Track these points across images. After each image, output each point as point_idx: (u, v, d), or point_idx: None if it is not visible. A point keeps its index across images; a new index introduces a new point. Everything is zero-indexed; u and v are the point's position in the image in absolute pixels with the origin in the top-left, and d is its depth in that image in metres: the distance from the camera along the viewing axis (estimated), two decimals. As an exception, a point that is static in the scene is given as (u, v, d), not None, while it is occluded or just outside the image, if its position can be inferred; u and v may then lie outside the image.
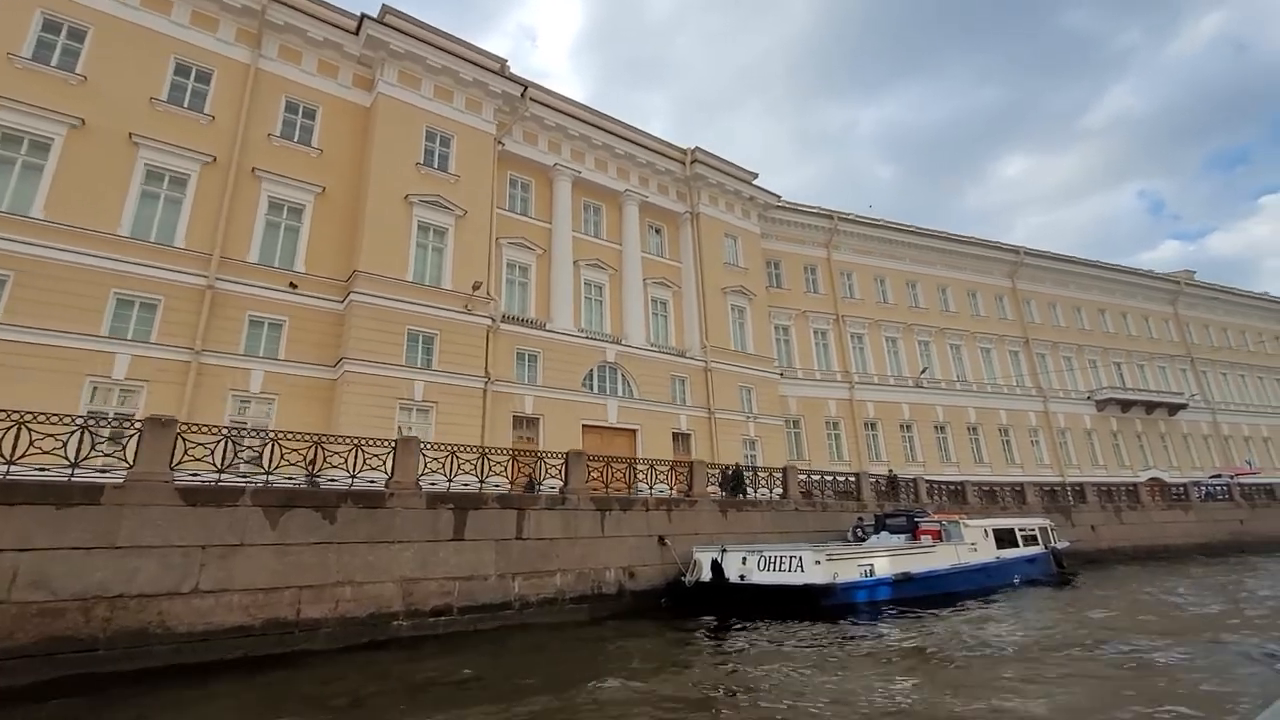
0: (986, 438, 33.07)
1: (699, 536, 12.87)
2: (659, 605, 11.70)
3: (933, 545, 13.87)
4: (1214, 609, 11.96)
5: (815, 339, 30.95)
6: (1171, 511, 24.20)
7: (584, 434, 21.27)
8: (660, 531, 12.34)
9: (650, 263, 26.47)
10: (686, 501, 13.31)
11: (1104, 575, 18.03)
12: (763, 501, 14.92)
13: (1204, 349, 43.66)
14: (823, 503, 16.33)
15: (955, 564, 13.91)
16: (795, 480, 15.93)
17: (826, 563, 11.19)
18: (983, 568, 14.59)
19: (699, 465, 14.01)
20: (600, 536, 11.43)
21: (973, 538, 14.78)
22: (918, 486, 19.22)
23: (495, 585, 9.82)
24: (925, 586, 12.75)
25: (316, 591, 8.17)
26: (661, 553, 12.21)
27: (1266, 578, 17.08)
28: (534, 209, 23.80)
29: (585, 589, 10.89)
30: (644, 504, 12.35)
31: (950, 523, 14.62)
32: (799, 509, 15.32)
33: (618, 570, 11.38)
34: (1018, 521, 16.97)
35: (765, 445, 25.97)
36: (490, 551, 9.96)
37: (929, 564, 13.30)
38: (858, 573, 11.77)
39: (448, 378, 18.46)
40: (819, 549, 11.59)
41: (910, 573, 12.58)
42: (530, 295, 22.68)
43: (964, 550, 14.33)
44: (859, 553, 12.36)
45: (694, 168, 27.39)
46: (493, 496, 10.39)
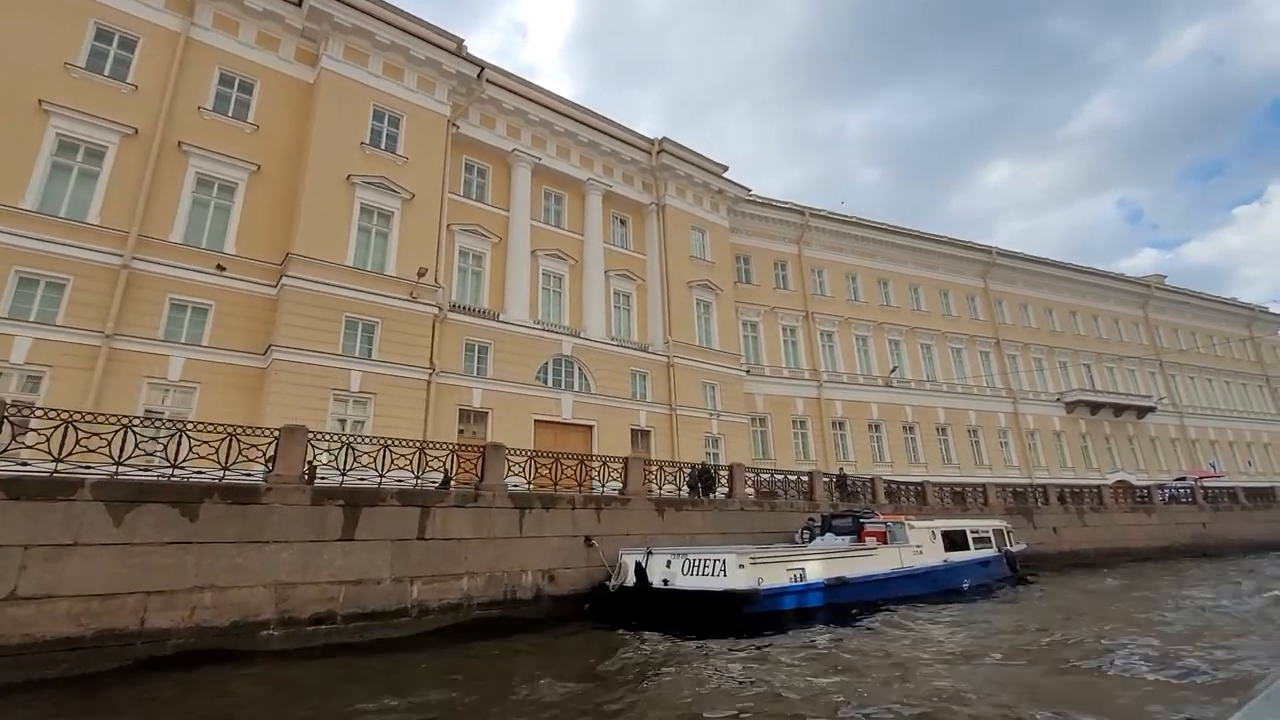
0: (955, 439, 32.78)
1: (632, 537, 12.11)
2: (582, 611, 10.92)
3: (874, 548, 13.21)
4: (1167, 621, 11.24)
5: (784, 336, 30.40)
6: (1134, 514, 23.97)
7: (536, 429, 20.46)
8: (588, 532, 11.56)
9: (614, 254, 25.72)
10: (619, 500, 12.53)
11: (1062, 579, 17.57)
12: (704, 501, 14.21)
13: (1173, 352, 43.90)
14: (772, 503, 15.68)
15: (897, 568, 13.21)
16: (742, 479, 15.28)
17: (750, 567, 10.43)
18: (929, 572, 13.89)
19: (634, 461, 13.23)
20: (518, 537, 10.62)
21: (919, 540, 14.11)
22: (875, 487, 18.67)
23: (389, 590, 8.98)
24: (862, 592, 12.06)
25: (168, 598, 7.27)
26: (588, 554, 11.43)
27: (1216, 585, 16.48)
28: (491, 196, 22.93)
29: (497, 594, 10.08)
30: (570, 502, 11.55)
31: (895, 524, 13.97)
32: (745, 509, 14.64)
33: (536, 573, 10.57)
34: (970, 523, 16.34)
35: (729, 443, 25.33)
36: (386, 553, 9.11)
37: (868, 568, 12.56)
38: (786, 577, 10.94)
39: (388, 368, 17.55)
40: (744, 552, 10.82)
41: (845, 577, 11.78)
42: (484, 285, 21.81)
43: (908, 553, 13.66)
44: (789, 556, 11.54)
45: (660, 158, 26.66)
46: (392, 492, 9.54)
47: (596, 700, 6.49)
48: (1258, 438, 45.19)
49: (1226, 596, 13.72)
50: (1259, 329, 49.94)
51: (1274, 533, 27.97)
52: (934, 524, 15.02)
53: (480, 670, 7.71)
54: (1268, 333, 50.87)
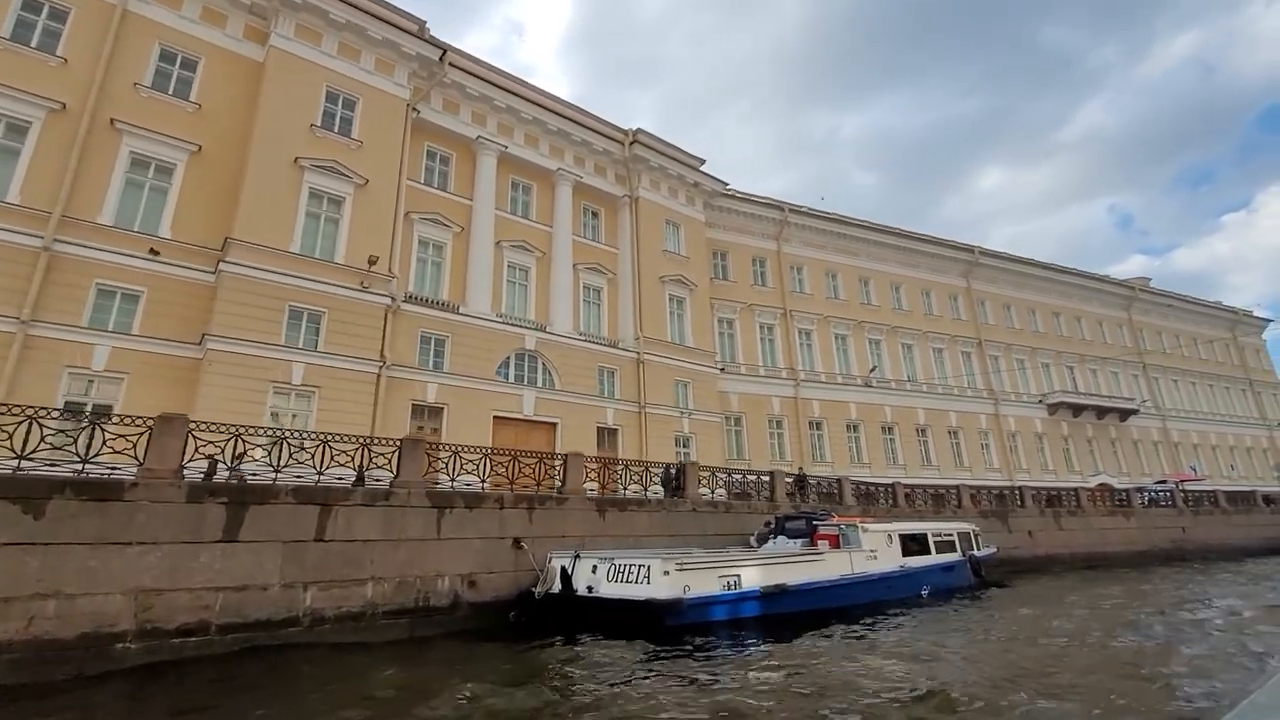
0: (935, 440, 32.22)
1: (567, 540, 11.34)
2: (506, 620, 10.12)
3: (822, 553, 12.42)
4: (1113, 644, 9.85)
5: (761, 333, 29.73)
6: (1113, 518, 23.44)
7: (495, 426, 19.68)
8: (518, 533, 10.77)
9: (584, 247, 24.97)
10: (555, 499, 11.75)
11: (1033, 586, 16.80)
12: (651, 501, 13.45)
13: (1157, 355, 43.62)
14: (728, 504, 14.96)
15: (847, 574, 12.33)
16: (695, 478, 14.55)
17: (676, 573, 9.61)
18: (883, 578, 13.03)
19: (574, 458, 12.46)
20: (435, 539, 9.83)
21: (873, 544, 13.29)
22: (842, 487, 17.98)
23: (278, 597, 8.17)
24: (806, 600, 11.20)
25: (1, 607, 6.46)
26: (516, 558, 10.64)
27: (1184, 597, 15.12)
28: (454, 184, 22.12)
29: (407, 601, 9.28)
30: (498, 501, 10.75)
31: (849, 527, 13.25)
32: (698, 510, 13.89)
33: (455, 579, 9.77)
34: (931, 526, 15.62)
35: (701, 443, 24.63)
36: (275, 556, 8.30)
37: (813, 574, 11.69)
38: (718, 585, 10.12)
39: (334, 360, 16.72)
40: (670, 558, 10.03)
41: (786, 585, 10.90)
42: (444, 276, 20.99)
43: (861, 558, 12.79)
44: (722, 562, 10.76)
45: (634, 149, 25.93)
46: (287, 489, 8.72)
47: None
48: (1240, 441, 44.99)
49: (1191, 612, 12.80)
50: (1242, 332, 49.82)
51: (1254, 537, 27.55)
52: (890, 527, 14.22)
53: (362, 687, 6.91)
54: (1251, 336, 50.78)
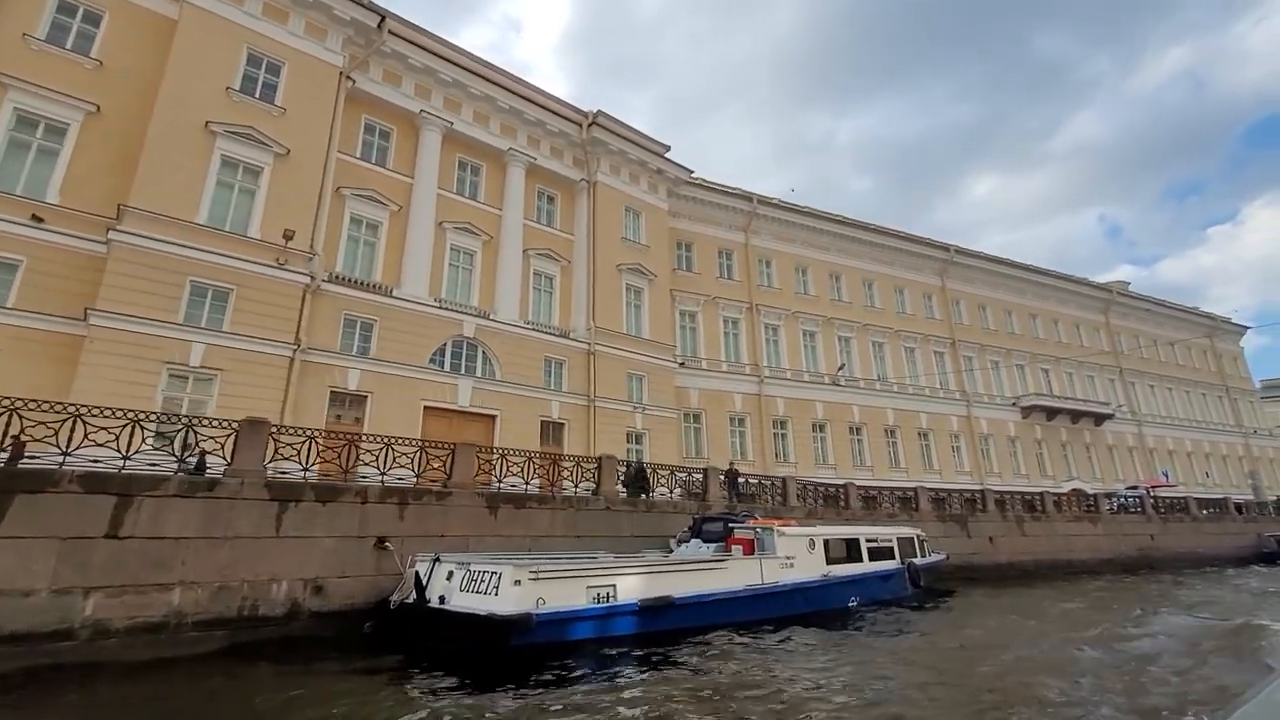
0: (904, 441, 31.28)
1: (448, 540, 10.14)
2: (360, 632, 8.81)
3: (723, 560, 11.19)
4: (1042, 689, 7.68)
5: (725, 328, 28.66)
6: (1079, 523, 22.54)
7: (426, 417, 18.45)
8: (384, 531, 9.55)
9: (537, 233, 23.77)
10: (434, 493, 10.55)
11: (980, 597, 15.54)
12: (557, 498, 12.21)
13: (1133, 360, 43.04)
14: (648, 502, 13.80)
15: (754, 584, 10.98)
16: (612, 473, 13.40)
17: (529, 583, 8.13)
18: (800, 589, 11.63)
19: (463, 449, 11.24)
20: (272, 537, 8.57)
21: (790, 549, 11.80)
22: (786, 487, 16.89)
23: (45, 605, 6.87)
24: (697, 615, 9.84)
25: None
26: (379, 560, 9.41)
27: (1139, 612, 13.67)
28: (393, 160, 20.85)
29: (228, 609, 7.97)
30: (359, 494, 9.52)
31: (764, 530, 11.98)
32: (612, 508, 12.71)
33: (295, 583, 8.52)
34: (865, 530, 14.41)
35: (654, 439, 23.50)
36: (48, 555, 7.01)
37: (710, 584, 10.31)
38: (585, 597, 8.70)
39: (241, 341, 15.42)
40: (524, 563, 8.64)
41: (672, 597, 9.47)
42: (378, 256, 19.72)
43: (773, 566, 11.41)
44: (592, 569, 9.32)
45: (592, 131, 24.76)
46: (72, 475, 7.46)
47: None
48: (1215, 449, 44.52)
49: (1143, 629, 11.36)
50: (1220, 339, 49.44)
51: (1224, 546, 26.83)
52: (814, 531, 12.86)
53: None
54: (1228, 343, 50.43)
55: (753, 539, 11.77)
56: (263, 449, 9.12)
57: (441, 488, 10.69)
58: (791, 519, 13.56)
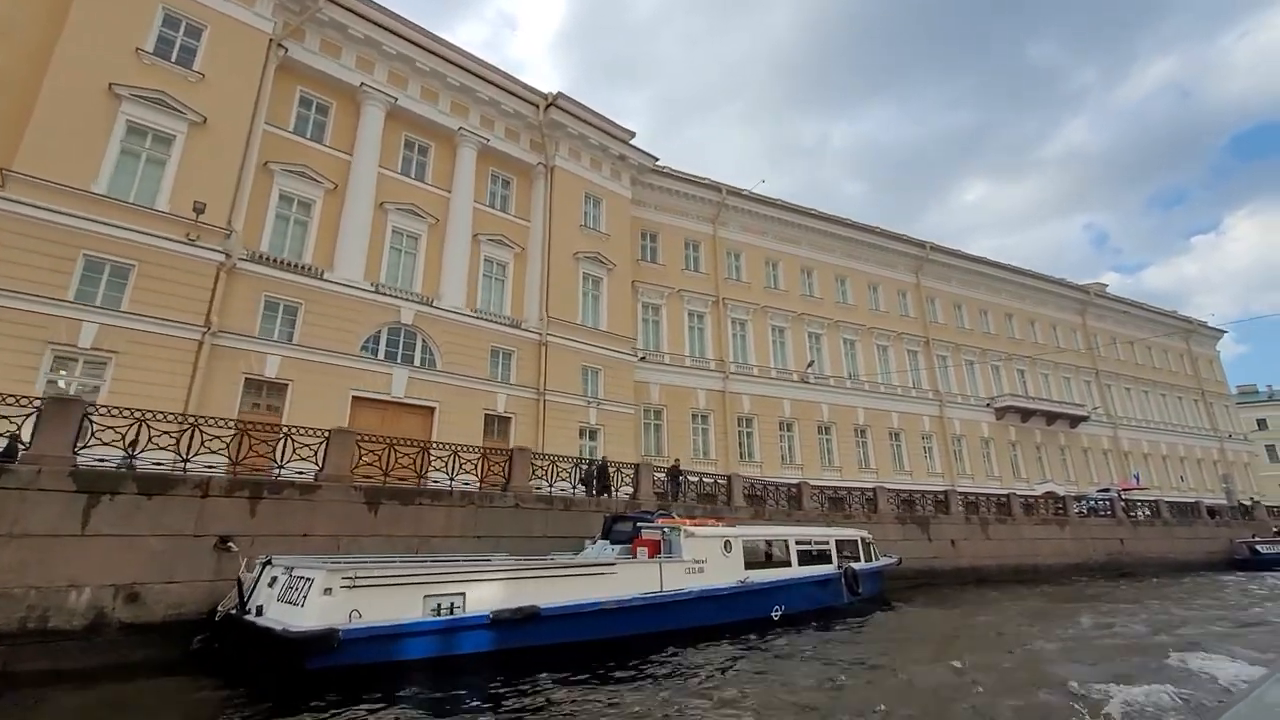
0: (875, 441, 30.44)
1: (314, 541, 8.95)
2: (188, 648, 7.57)
3: (611, 564, 9.92)
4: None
5: (690, 321, 27.65)
6: (1046, 527, 21.77)
7: (355, 408, 17.26)
8: (229, 530, 8.39)
9: (489, 217, 22.63)
10: (297, 486, 9.32)
11: (928, 605, 14.46)
12: (457, 493, 11.05)
13: (1110, 362, 42.60)
14: (567, 500, 12.69)
15: (652, 592, 9.66)
16: (525, 467, 12.32)
17: (343, 590, 6.82)
18: (709, 596, 10.37)
19: (338, 435, 10.04)
20: (76, 535, 7.36)
21: (700, 552, 10.53)
22: (731, 485, 15.88)
23: None
24: (572, 630, 8.52)
25: None
26: (220, 563, 8.24)
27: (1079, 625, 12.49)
28: (331, 136, 19.62)
29: (6, 623, 6.71)
30: (198, 486, 8.32)
31: (671, 530, 10.81)
32: (523, 505, 11.61)
33: (103, 590, 7.30)
34: (797, 532, 13.23)
35: (609, 435, 22.43)
36: None
37: (592, 593, 8.93)
38: (421, 608, 7.27)
39: (141, 322, 14.15)
40: (339, 567, 7.14)
41: (538, 608, 8.08)
42: (310, 236, 18.49)
43: (676, 571, 10.10)
44: (436, 574, 7.84)
45: (550, 114, 23.65)
46: None
47: None
48: (1190, 453, 44.22)
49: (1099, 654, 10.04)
50: (1196, 343, 49.25)
51: (1196, 550, 26.24)
52: (731, 531, 11.46)
53: None
54: (1205, 347, 50.27)
55: (660, 540, 10.66)
56: (72, 432, 7.93)
57: (313, 480, 9.54)
58: (722, 519, 12.49)
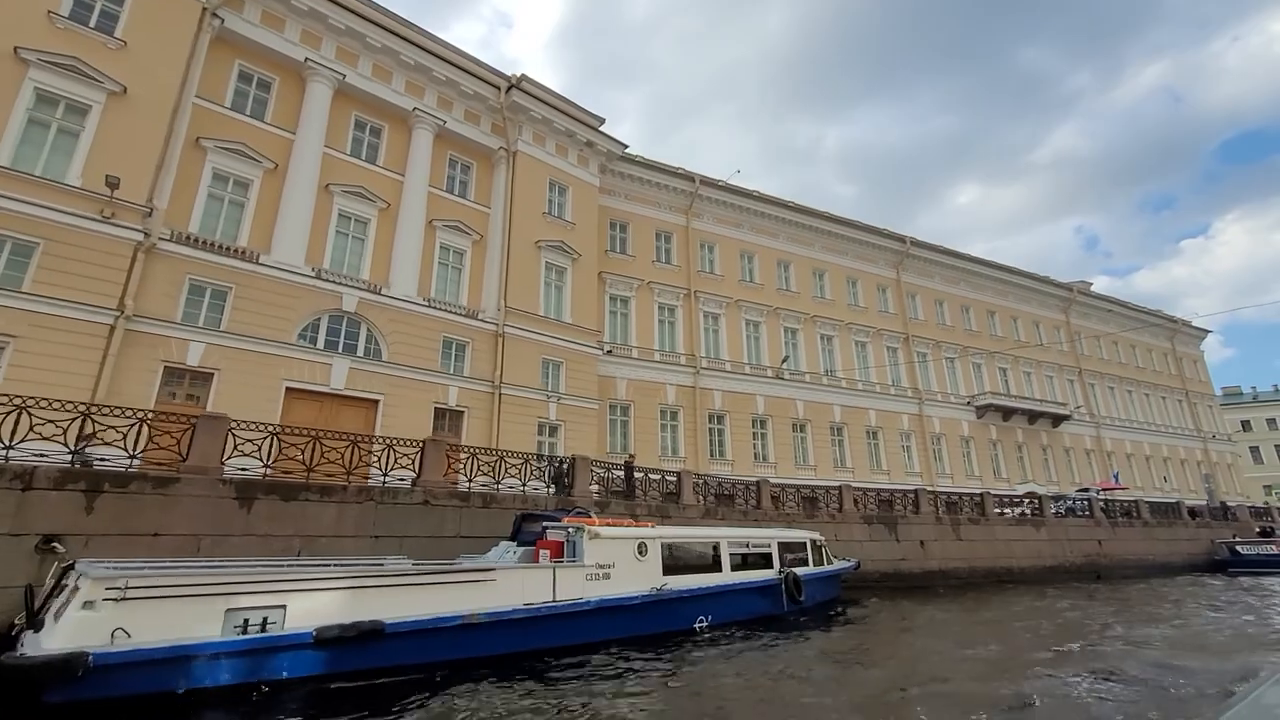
0: (851, 440, 29.67)
1: (167, 541, 7.87)
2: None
3: (489, 569, 8.71)
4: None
5: (660, 314, 26.76)
6: (1021, 528, 21.03)
7: (288, 400, 16.26)
8: (57, 528, 7.31)
9: (446, 203, 21.66)
10: (148, 478, 8.23)
11: (879, 614, 13.25)
12: (351, 488, 10.01)
13: (1093, 361, 42.08)
14: (488, 496, 11.70)
15: (540, 602, 8.44)
16: (438, 460, 11.37)
17: (109, 604, 5.70)
18: (615, 606, 9.22)
19: (205, 422, 8.86)
20: None
21: (607, 556, 9.38)
22: (681, 483, 14.96)
23: None
24: (428, 649, 7.31)
25: None
26: (41, 568, 7.22)
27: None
28: (274, 113, 18.59)
29: None
30: (18, 476, 7.13)
31: (575, 530, 9.66)
32: (433, 502, 10.65)
33: None
34: (731, 533, 12.08)
35: (571, 431, 21.50)
36: None
37: (463, 604, 7.68)
38: (221, 626, 6.13)
39: (43, 304, 13.11)
40: (110, 574, 6.00)
41: (383, 624, 6.87)
42: (247, 218, 17.46)
43: (574, 577, 8.95)
44: (243, 582, 6.61)
45: (512, 96, 22.70)
46: None
47: None
48: (1174, 453, 43.78)
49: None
50: (1181, 343, 48.89)
51: (1176, 552, 25.61)
52: (647, 532, 10.21)
53: None
54: (1189, 347, 49.91)
55: (564, 542, 9.59)
56: None
57: (173, 472, 8.54)
58: (669, 520, 11.59)
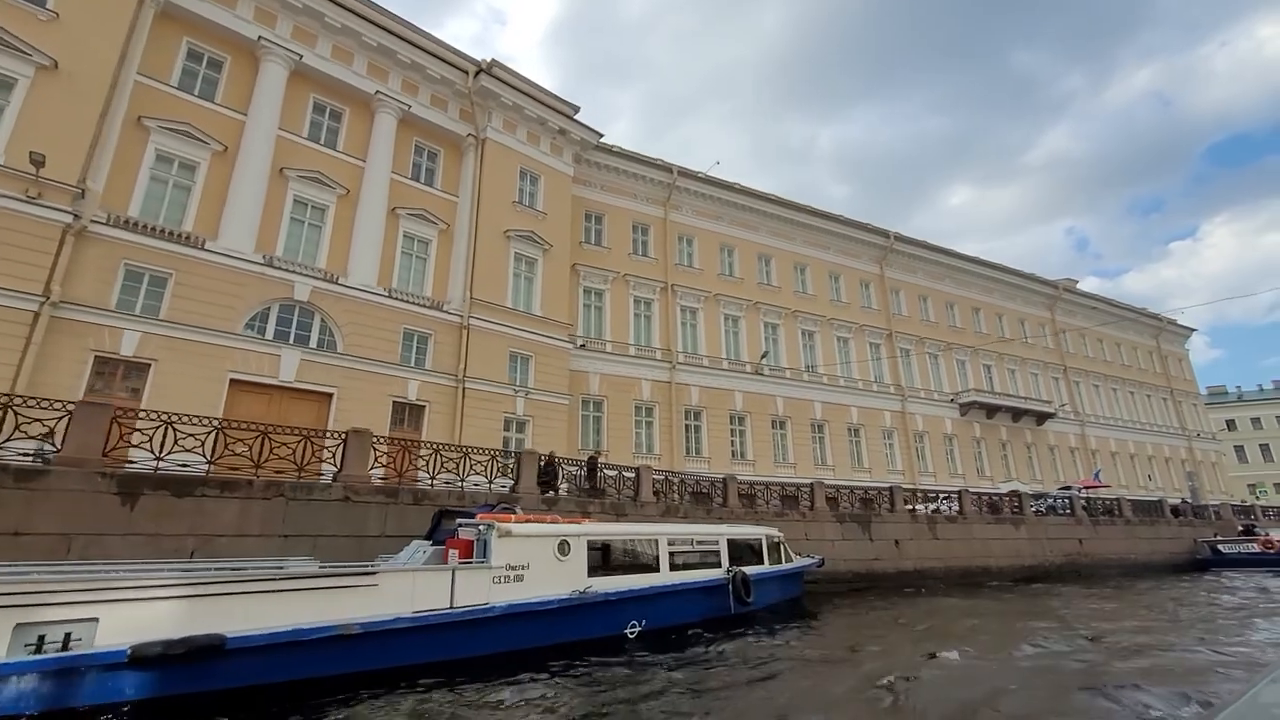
0: (832, 437, 29.12)
1: (33, 541, 7.09)
2: None
3: (371, 572, 7.37)
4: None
5: (636, 308, 26.09)
6: (1000, 526, 20.52)
7: (233, 392, 15.48)
8: None
9: (411, 190, 20.91)
10: (6, 471, 7.31)
11: (849, 616, 12.45)
12: (259, 482, 9.23)
13: (1078, 358, 41.79)
14: (420, 492, 10.94)
15: (432, 609, 7.41)
16: (364, 451, 10.62)
17: None
18: (525, 612, 8.15)
19: (84, 408, 7.92)
20: None
21: (519, 556, 8.30)
22: (640, 479, 14.25)
23: None
24: (282, 667, 6.29)
25: None
26: None
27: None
28: (225, 94, 17.78)
29: None
30: None
31: (485, 528, 8.37)
32: (355, 498, 9.83)
33: None
34: (671, 530, 11.09)
35: (539, 426, 20.82)
36: None
37: (334, 612, 6.70)
38: (6, 644, 5.26)
39: (-41, 289, 12.31)
40: None
41: (224, 638, 5.89)
42: (193, 202, 16.65)
43: (478, 581, 7.90)
44: (36, 589, 5.60)
45: (480, 81, 21.96)
46: None
47: None
48: (1159, 451, 43.58)
49: None
50: (1166, 341, 48.73)
51: (1158, 551, 25.21)
52: (568, 530, 9.13)
53: None
54: (1175, 345, 49.78)
55: (474, 540, 8.59)
56: None
57: (42, 464, 7.79)
58: (624, 517, 10.91)
